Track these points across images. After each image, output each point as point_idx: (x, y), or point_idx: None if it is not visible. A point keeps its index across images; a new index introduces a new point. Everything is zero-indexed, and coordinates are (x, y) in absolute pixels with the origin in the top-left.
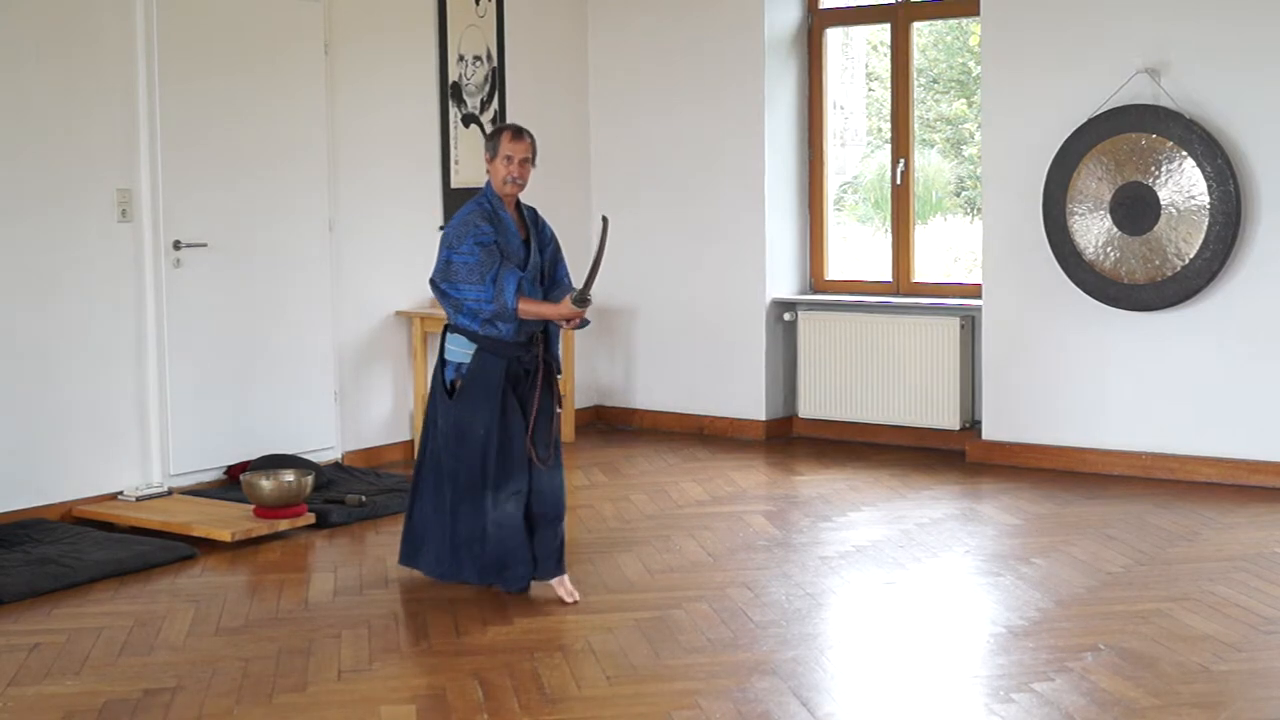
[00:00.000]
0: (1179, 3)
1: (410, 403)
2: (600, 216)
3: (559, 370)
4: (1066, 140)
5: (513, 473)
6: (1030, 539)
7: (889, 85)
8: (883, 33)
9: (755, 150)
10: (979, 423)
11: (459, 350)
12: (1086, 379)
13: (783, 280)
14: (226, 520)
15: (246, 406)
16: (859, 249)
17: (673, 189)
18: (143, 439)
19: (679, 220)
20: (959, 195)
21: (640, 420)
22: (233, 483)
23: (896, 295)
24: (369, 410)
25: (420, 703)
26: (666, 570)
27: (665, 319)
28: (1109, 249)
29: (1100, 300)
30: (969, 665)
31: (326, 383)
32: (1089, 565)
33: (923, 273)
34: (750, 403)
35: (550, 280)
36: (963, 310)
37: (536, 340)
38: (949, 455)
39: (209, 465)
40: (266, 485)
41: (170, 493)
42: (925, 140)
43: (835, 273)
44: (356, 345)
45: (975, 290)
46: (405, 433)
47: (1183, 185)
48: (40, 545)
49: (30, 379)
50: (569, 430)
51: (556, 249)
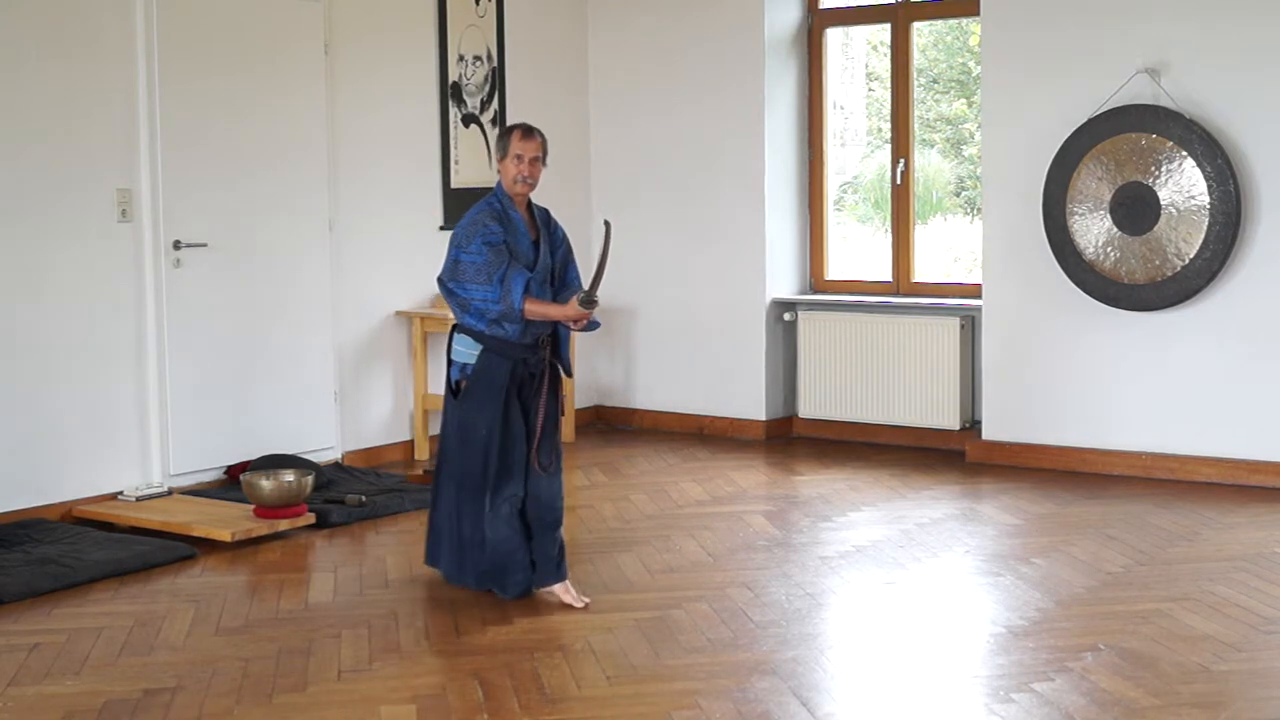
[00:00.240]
0: (1179, 3)
1: (410, 403)
2: (603, 221)
3: (569, 373)
4: (1066, 140)
5: (511, 476)
6: (1030, 539)
7: (889, 85)
8: (883, 33)
9: (755, 150)
10: (979, 423)
11: (465, 350)
12: (1087, 379)
13: (783, 280)
14: (226, 520)
15: (246, 406)
16: (859, 249)
17: (673, 189)
18: (143, 439)
19: (679, 220)
20: (959, 195)
21: (640, 420)
22: (233, 483)
23: (896, 295)
24: (369, 410)
25: (420, 703)
26: (666, 570)
27: (665, 319)
28: (1109, 249)
29: (1100, 300)
30: (969, 665)
31: (326, 383)
32: (1089, 565)
33: (923, 273)
34: (750, 403)
35: (560, 282)
36: (963, 310)
37: (543, 343)
38: (949, 455)
39: (209, 465)
40: (266, 485)
41: (170, 493)
42: (925, 140)
43: (835, 273)
44: (356, 345)
45: (975, 290)
46: (405, 433)
47: (1183, 185)
48: (40, 545)
49: (30, 379)
50: (569, 430)
51: (568, 251)
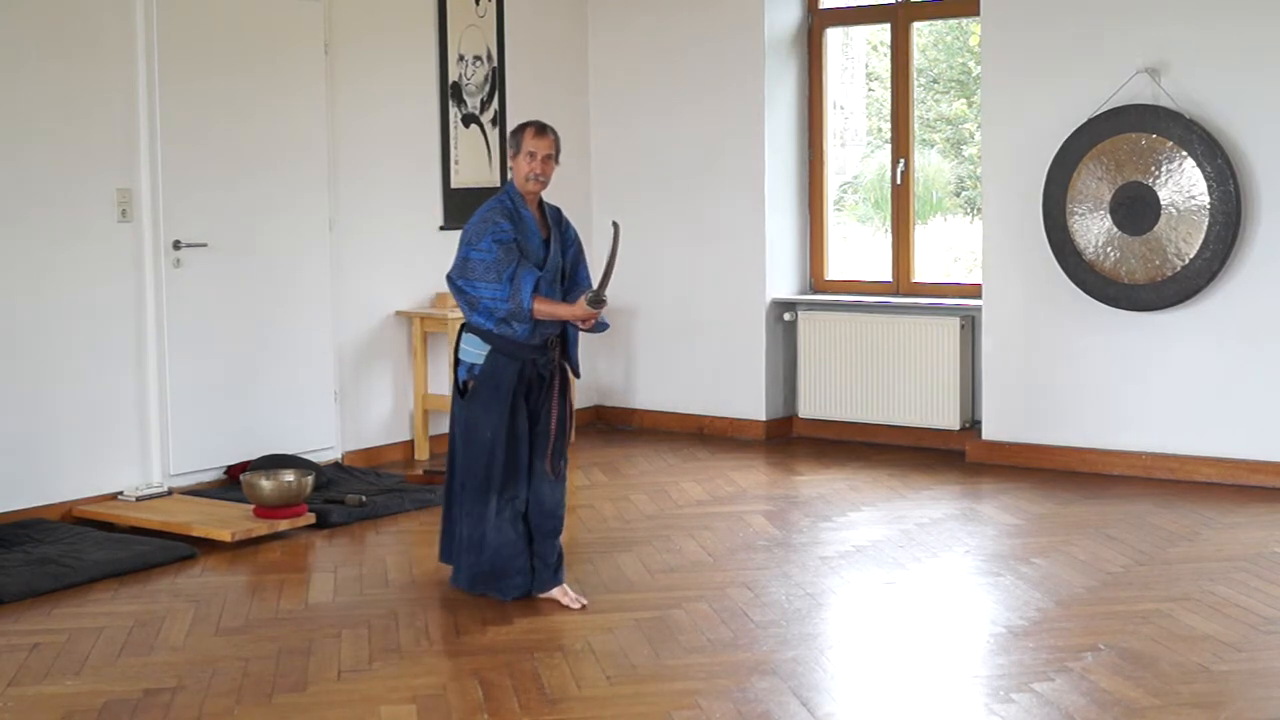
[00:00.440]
0: (1179, 3)
1: (410, 403)
2: (611, 222)
3: (578, 374)
4: (1066, 140)
5: (515, 479)
6: (1030, 539)
7: (889, 85)
8: (883, 33)
9: (755, 150)
10: (979, 423)
11: (473, 351)
12: (1087, 379)
13: (783, 280)
14: (226, 520)
15: (246, 406)
16: (859, 249)
17: (673, 189)
18: (143, 439)
19: (679, 220)
20: (959, 195)
21: (640, 420)
22: (233, 483)
23: (896, 295)
24: (369, 410)
25: (420, 703)
26: (666, 570)
27: (665, 319)
28: (1109, 249)
29: (1100, 300)
30: (969, 665)
31: (326, 383)
32: (1089, 565)
33: (923, 273)
34: (750, 403)
35: (571, 281)
36: (963, 310)
37: (552, 344)
38: (949, 455)
39: (209, 465)
40: (266, 485)
41: (170, 493)
42: (925, 140)
43: (835, 273)
44: (356, 345)
45: (975, 290)
46: (405, 433)
47: (1183, 185)
48: (40, 545)
49: (30, 379)
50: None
51: (579, 250)
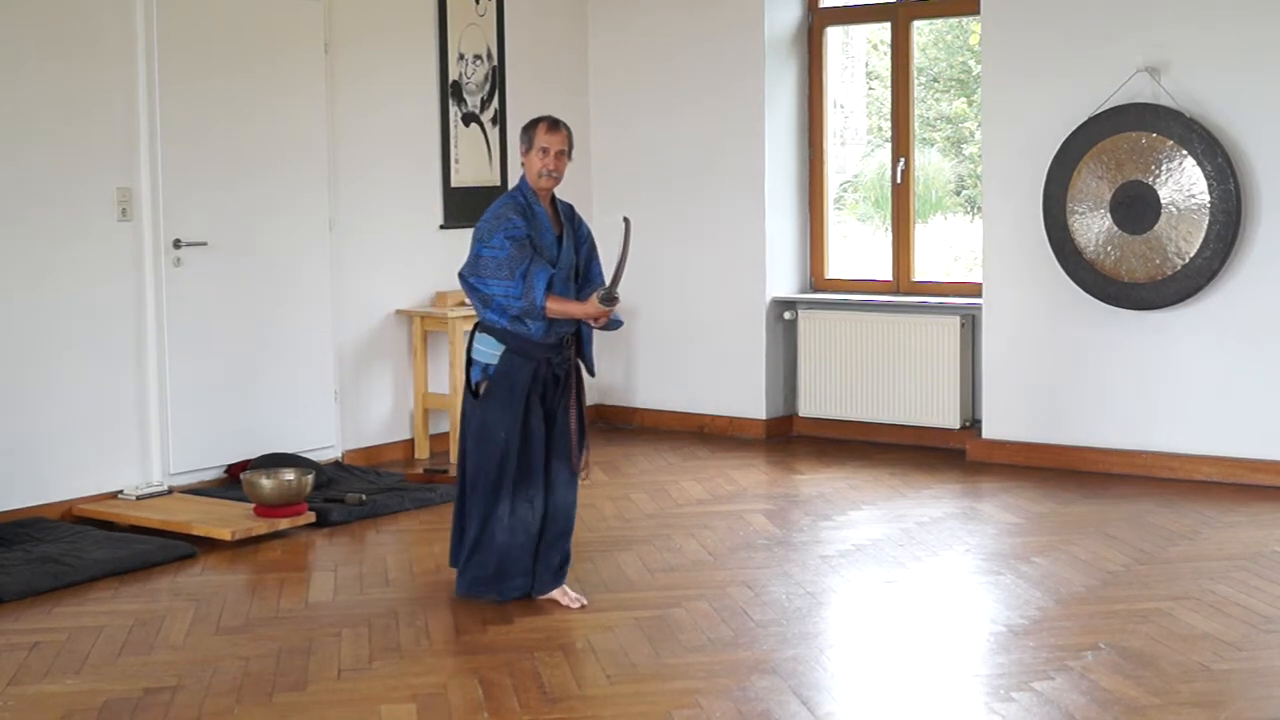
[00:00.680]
0: (1179, 3)
1: (410, 402)
2: (622, 218)
3: (593, 372)
4: (1067, 139)
5: (529, 481)
6: (1030, 538)
7: (889, 84)
8: (883, 31)
9: (755, 150)
10: (979, 422)
11: (486, 351)
12: (1087, 378)
13: (783, 279)
14: (227, 519)
15: (246, 405)
16: (859, 248)
17: (673, 189)
18: (143, 438)
19: (679, 220)
20: (959, 194)
21: (640, 419)
22: (233, 481)
23: (897, 294)
24: (369, 409)
25: (420, 702)
26: (667, 569)
27: (665, 318)
28: (1109, 248)
29: (1100, 299)
30: (969, 664)
31: (326, 382)
32: (1089, 564)
33: (923, 272)
34: (750, 402)
35: (584, 278)
36: (963, 309)
37: (568, 343)
38: (949, 454)
39: (209, 464)
40: (267, 484)
41: (170, 491)
42: (925, 139)
43: (835, 272)
44: (356, 344)
45: (975, 289)
46: (405, 432)
47: (1183, 184)
48: (40, 544)
49: (30, 378)
50: None
51: (592, 247)
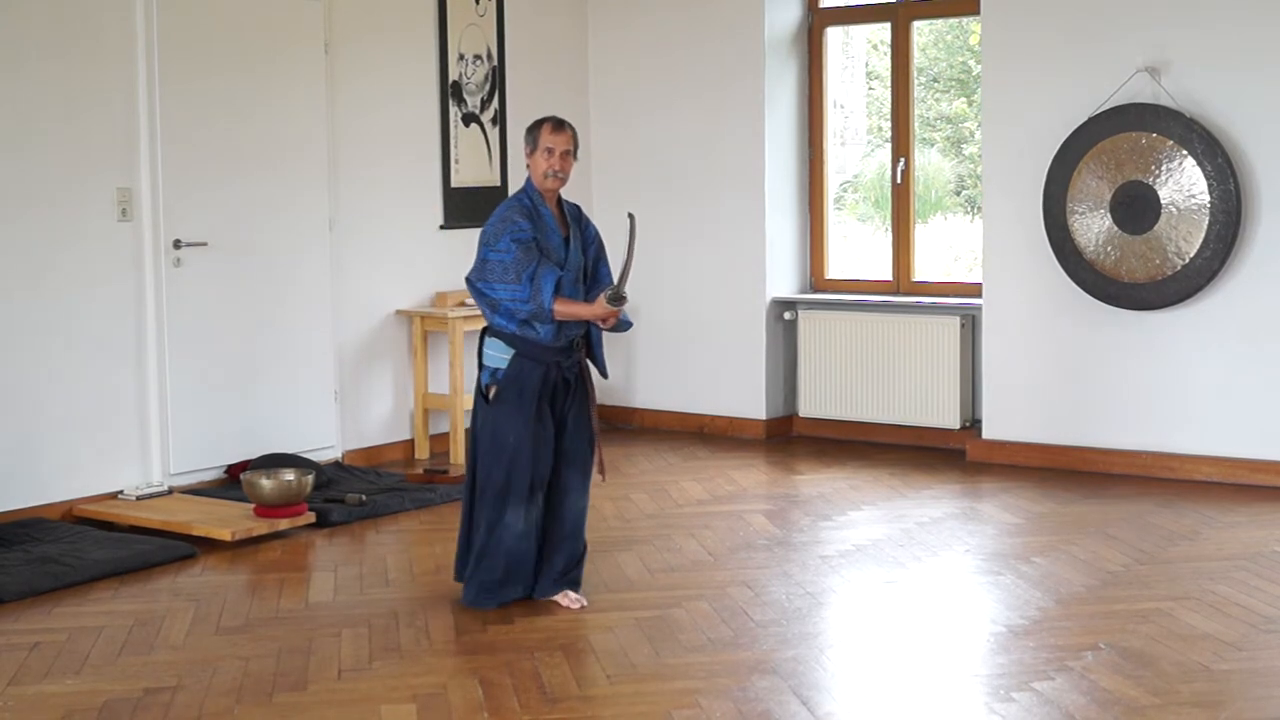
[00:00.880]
0: (1179, 3)
1: (410, 402)
2: (627, 214)
3: (605, 374)
4: (1067, 139)
5: (536, 487)
6: (1030, 538)
7: (889, 84)
8: (883, 31)
9: (755, 149)
10: (979, 422)
11: (496, 355)
12: (1087, 378)
13: (783, 279)
14: (227, 519)
15: (246, 406)
16: (859, 248)
17: (673, 188)
18: (143, 438)
19: (679, 219)
20: (959, 194)
21: (640, 419)
22: (233, 482)
23: (897, 294)
24: (369, 409)
25: (420, 703)
26: (667, 569)
27: (665, 318)
28: (1109, 248)
29: (1100, 299)
30: (969, 664)
31: (326, 382)
32: (1089, 564)
33: (923, 272)
34: (750, 402)
35: (592, 280)
36: (963, 309)
37: (577, 346)
38: (949, 454)
39: (209, 464)
40: (267, 484)
41: (170, 492)
42: (925, 139)
43: (835, 272)
44: (356, 345)
45: (975, 289)
46: (405, 432)
47: (1183, 184)
48: (40, 544)
49: (31, 378)
50: None
51: (600, 248)
